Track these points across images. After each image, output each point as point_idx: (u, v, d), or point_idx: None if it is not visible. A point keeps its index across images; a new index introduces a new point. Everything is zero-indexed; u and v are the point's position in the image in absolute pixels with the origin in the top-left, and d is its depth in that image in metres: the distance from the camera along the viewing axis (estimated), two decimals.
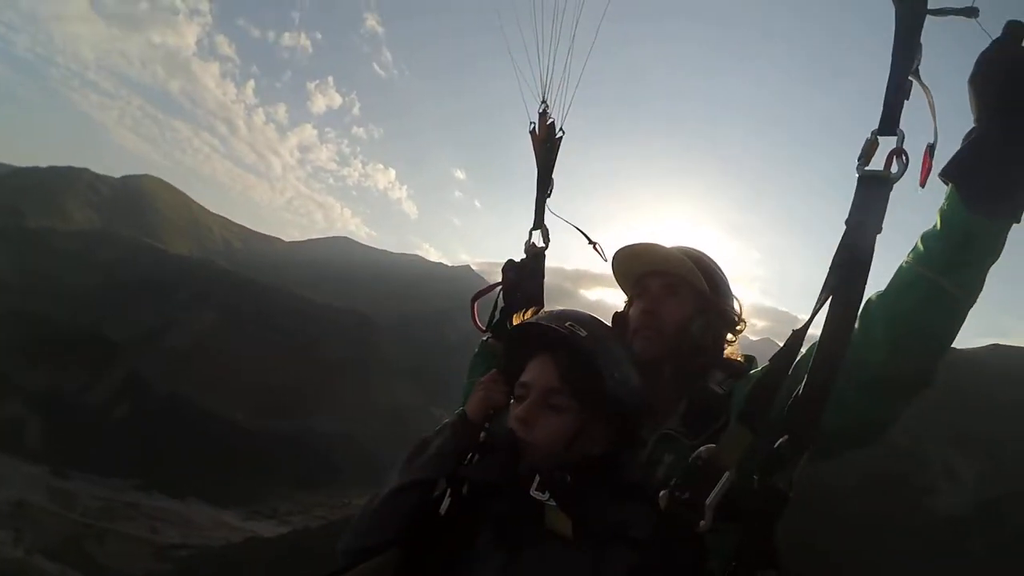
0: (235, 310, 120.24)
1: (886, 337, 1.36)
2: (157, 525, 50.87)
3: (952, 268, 1.29)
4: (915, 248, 1.36)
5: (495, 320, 2.33)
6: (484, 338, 2.34)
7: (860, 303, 1.31)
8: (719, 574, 1.33)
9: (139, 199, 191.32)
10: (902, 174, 1.28)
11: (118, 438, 74.00)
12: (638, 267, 2.02)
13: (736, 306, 2.04)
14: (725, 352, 1.96)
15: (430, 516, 1.51)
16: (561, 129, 2.44)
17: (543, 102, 2.44)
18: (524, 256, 2.40)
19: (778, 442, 1.27)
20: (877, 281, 1.34)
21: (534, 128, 2.46)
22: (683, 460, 1.42)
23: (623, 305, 2.13)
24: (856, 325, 1.36)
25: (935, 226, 1.32)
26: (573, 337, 1.55)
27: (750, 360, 1.93)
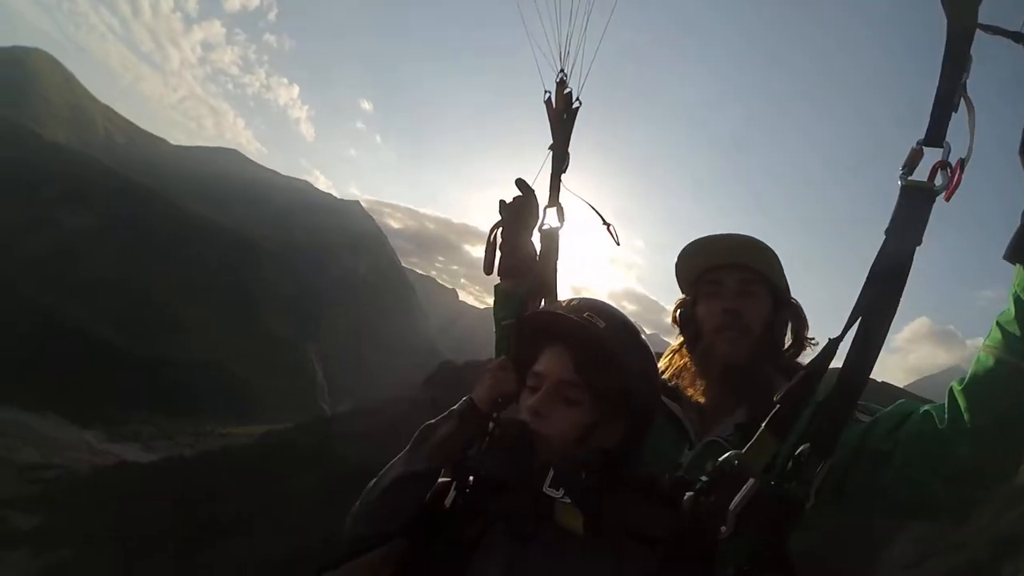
0: (109, 214, 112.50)
1: (973, 429, 1.34)
2: (13, 442, 48.42)
3: None
4: (991, 335, 1.35)
5: (497, 260, 2.17)
6: (496, 284, 2.23)
7: (895, 313, 1.30)
8: None
9: (23, 74, 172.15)
10: (946, 187, 1.27)
11: None
12: (711, 260, 1.95)
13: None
14: (800, 355, 1.94)
15: (435, 508, 1.51)
16: (578, 99, 2.34)
17: (560, 70, 2.32)
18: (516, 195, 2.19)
19: (800, 449, 1.28)
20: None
21: (549, 98, 2.34)
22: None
23: (679, 304, 2.10)
24: (945, 416, 1.40)
25: (1009, 311, 1.30)
26: (591, 328, 1.55)
27: None
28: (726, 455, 1.32)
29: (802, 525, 1.34)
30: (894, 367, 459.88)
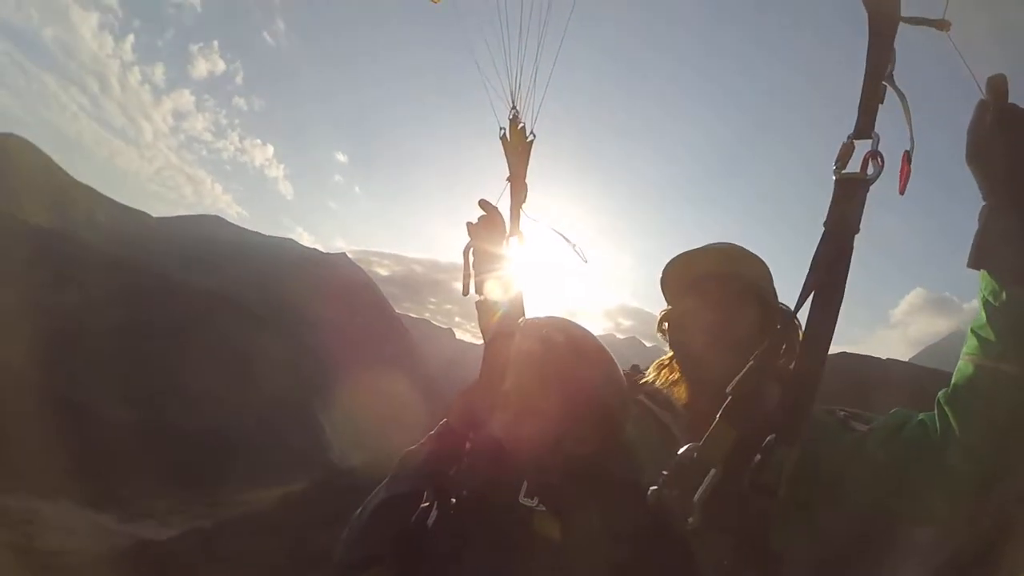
0: (100, 291, 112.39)
1: (962, 435, 1.33)
2: (32, 530, 47.74)
3: (1010, 350, 1.26)
4: (968, 343, 1.34)
5: (472, 279, 2.19)
6: (476, 301, 2.22)
7: (841, 302, 1.27)
8: (710, 571, 1.33)
9: (2, 162, 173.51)
10: (878, 175, 1.26)
11: None
12: (697, 272, 1.93)
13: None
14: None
15: (420, 527, 1.52)
16: (532, 132, 2.38)
17: (512, 107, 2.40)
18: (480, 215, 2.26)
19: (766, 440, 1.26)
20: (852, 279, 1.27)
21: (504, 134, 2.40)
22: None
23: (665, 317, 2.07)
24: (936, 425, 1.39)
25: (980, 316, 1.30)
26: (553, 344, 1.62)
27: None
28: (684, 448, 1.34)
29: (788, 523, 1.32)
30: (897, 342, 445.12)
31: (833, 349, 1.34)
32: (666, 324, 2.06)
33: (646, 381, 2.10)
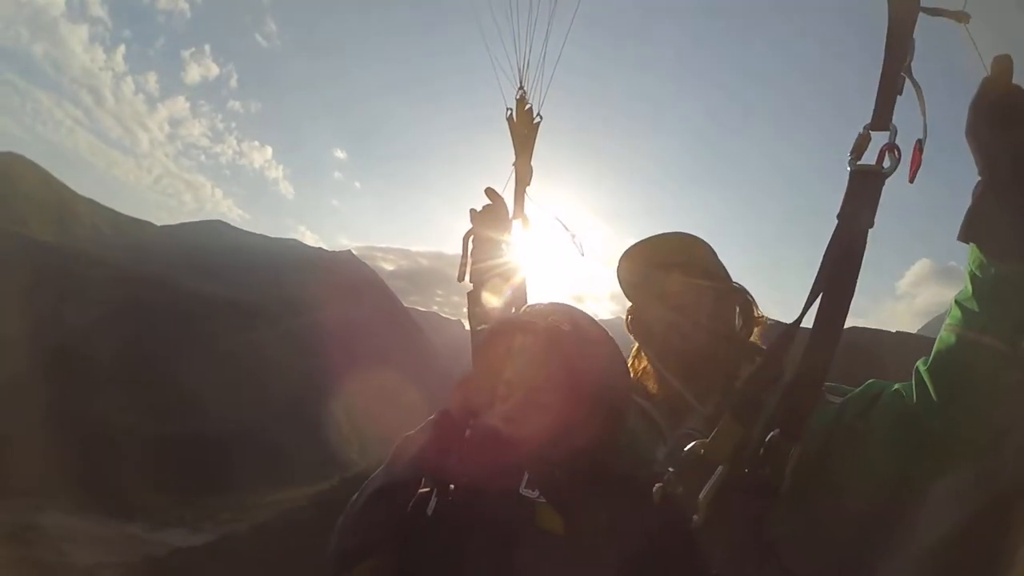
0: (111, 304, 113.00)
1: (941, 404, 1.34)
2: (65, 546, 47.96)
3: (994, 324, 1.27)
4: (951, 313, 1.36)
5: (470, 267, 2.23)
6: (469, 292, 2.26)
7: (852, 296, 1.28)
8: (714, 567, 1.33)
9: (3, 181, 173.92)
10: (895, 169, 1.26)
11: None
12: (650, 264, 1.96)
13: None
14: (752, 336, 1.93)
15: (418, 517, 1.50)
16: (539, 115, 2.35)
17: (520, 87, 2.35)
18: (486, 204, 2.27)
19: (769, 435, 1.27)
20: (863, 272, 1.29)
21: (511, 115, 2.37)
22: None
23: (629, 311, 2.08)
24: (913, 394, 1.41)
25: (966, 288, 1.32)
26: (557, 332, 1.57)
27: None
28: (691, 445, 1.34)
29: (782, 512, 1.33)
30: (904, 313, 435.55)
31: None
32: (629, 317, 2.09)
33: None
